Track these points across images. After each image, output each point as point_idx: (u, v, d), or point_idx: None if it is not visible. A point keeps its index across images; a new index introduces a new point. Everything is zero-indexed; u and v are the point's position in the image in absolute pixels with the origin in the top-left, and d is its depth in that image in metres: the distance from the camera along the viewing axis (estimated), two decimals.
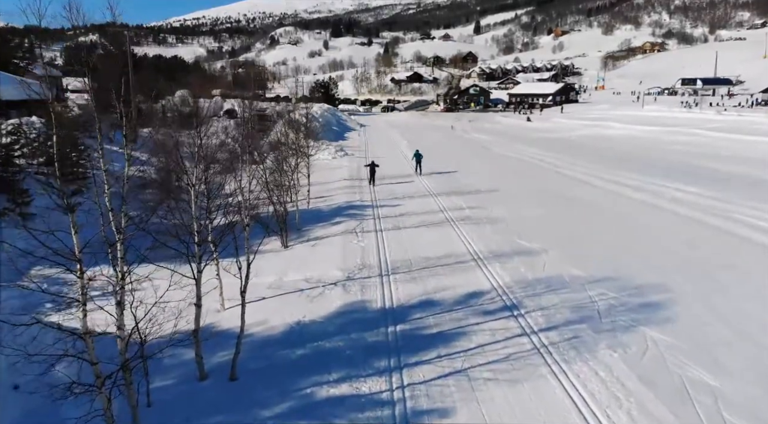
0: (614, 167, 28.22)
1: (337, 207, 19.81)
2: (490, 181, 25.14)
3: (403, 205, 19.97)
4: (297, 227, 16.80)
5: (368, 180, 25.08)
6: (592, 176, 25.68)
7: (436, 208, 19.36)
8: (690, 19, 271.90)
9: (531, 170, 28.72)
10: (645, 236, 15.30)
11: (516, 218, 17.72)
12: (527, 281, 11.83)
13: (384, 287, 11.52)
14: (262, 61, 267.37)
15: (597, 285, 11.62)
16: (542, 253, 13.85)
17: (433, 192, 22.53)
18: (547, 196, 21.32)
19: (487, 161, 32.89)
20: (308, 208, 19.77)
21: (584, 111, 76.68)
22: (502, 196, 21.56)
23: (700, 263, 12.93)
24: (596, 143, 42.10)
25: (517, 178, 26.17)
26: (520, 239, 15.13)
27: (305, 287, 11.61)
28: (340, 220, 17.66)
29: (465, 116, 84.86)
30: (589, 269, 12.51)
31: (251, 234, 16.29)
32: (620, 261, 13.10)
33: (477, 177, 26.39)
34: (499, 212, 18.55)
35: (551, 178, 26.10)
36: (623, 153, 35.22)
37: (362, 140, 46.81)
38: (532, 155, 34.64)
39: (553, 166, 29.68)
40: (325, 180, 25.99)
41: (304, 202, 20.36)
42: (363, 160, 31.04)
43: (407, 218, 17.96)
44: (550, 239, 15.12)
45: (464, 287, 11.40)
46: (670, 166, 28.16)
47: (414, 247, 14.44)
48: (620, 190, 22.12)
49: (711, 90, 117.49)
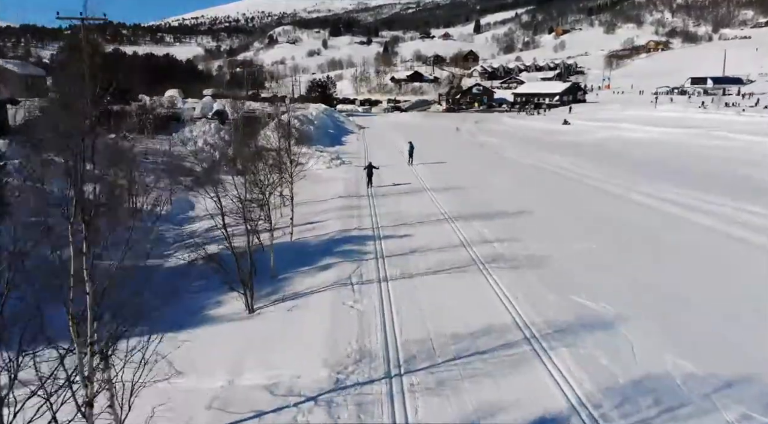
0: (652, 178, 24.01)
1: (329, 240, 15.44)
2: (514, 198, 20.88)
3: (413, 236, 15.64)
4: (272, 274, 12.48)
5: (366, 183, 23.21)
6: (631, 191, 21.39)
7: (456, 241, 15.03)
8: (693, 17, 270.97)
9: (557, 183, 24.45)
10: (750, 292, 11.00)
11: (563, 257, 13.41)
12: (618, 388, 7.51)
13: (395, 404, 7.16)
14: (260, 61, 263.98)
15: (727, 393, 7.35)
16: (620, 323, 9.55)
17: (448, 214, 18.21)
18: (591, 221, 17.02)
19: (503, 171, 28.61)
20: (291, 241, 15.44)
21: (594, 111, 72.39)
22: (535, 221, 17.26)
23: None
24: (619, 148, 37.85)
25: (545, 193, 21.87)
26: (582, 296, 10.80)
27: (266, 407, 7.21)
28: (331, 261, 13.29)
29: (469, 117, 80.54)
30: (702, 358, 8.23)
31: (205, 286, 12.12)
32: (734, 338, 8.86)
33: (497, 192, 22.11)
34: (538, 247, 14.24)
35: (584, 193, 21.81)
36: (654, 160, 30.99)
37: (361, 145, 42.42)
38: (552, 163, 30.38)
39: (582, 176, 25.40)
40: (317, 197, 21.67)
41: (287, 231, 16.04)
42: (362, 170, 26.76)
43: (420, 256, 13.62)
44: (622, 294, 10.83)
45: (525, 405, 7.05)
46: (716, 177, 24.03)
47: (435, 313, 10.08)
48: (676, 212, 17.81)
49: (721, 89, 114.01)
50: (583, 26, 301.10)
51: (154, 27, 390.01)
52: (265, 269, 12.36)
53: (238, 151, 28.78)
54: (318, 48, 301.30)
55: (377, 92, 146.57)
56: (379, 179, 25.75)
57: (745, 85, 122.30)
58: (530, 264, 12.87)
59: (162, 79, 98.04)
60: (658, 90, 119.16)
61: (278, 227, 16.66)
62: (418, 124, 70.91)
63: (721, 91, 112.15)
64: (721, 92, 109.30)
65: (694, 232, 15.63)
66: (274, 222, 16.95)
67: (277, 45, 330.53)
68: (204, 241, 14.87)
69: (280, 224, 17.10)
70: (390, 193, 22.37)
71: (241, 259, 11.03)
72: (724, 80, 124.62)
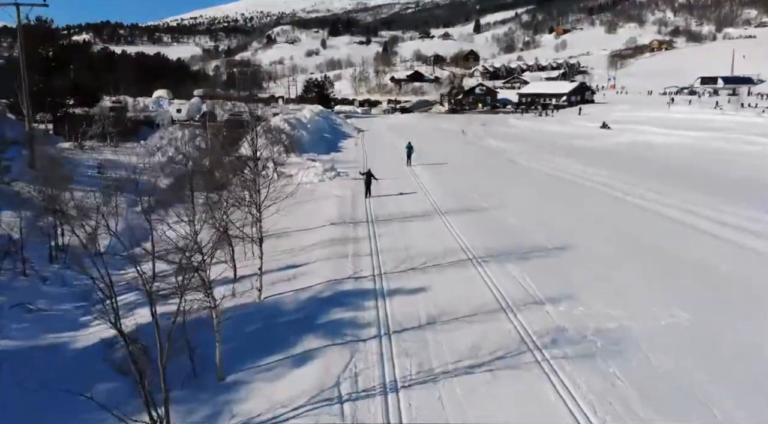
0: (709, 194, 19.80)
1: (313, 298, 11.07)
2: (548, 223, 16.61)
3: (428, 290, 11.30)
4: (219, 376, 8.12)
5: (364, 193, 21.01)
6: (697, 216, 17.07)
7: (490, 300, 10.71)
8: (695, 17, 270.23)
9: (594, 200, 20.17)
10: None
11: (646, 334, 9.07)
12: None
13: None
14: (259, 61, 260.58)
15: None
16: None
17: (470, 250, 13.91)
18: (662, 264, 12.70)
19: (523, 183, 24.32)
20: (259, 301, 11.09)
21: (605, 113, 68.02)
22: (587, 262, 12.96)
23: None
24: (645, 154, 33.65)
25: (586, 217, 17.54)
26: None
27: None
28: (312, 345, 8.88)
29: (474, 118, 76.17)
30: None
31: (114, 393, 7.58)
32: None
33: (525, 215, 17.81)
34: (605, 312, 9.94)
35: (636, 217, 17.46)
36: (693, 169, 26.89)
37: (359, 152, 38.04)
38: (577, 173, 26.12)
39: (620, 192, 21.10)
40: (302, 225, 17.31)
41: (256, 282, 11.71)
42: (359, 184, 22.55)
43: (444, 334, 9.26)
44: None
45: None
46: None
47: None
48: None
49: (731, 89, 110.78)
50: (583, 26, 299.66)
51: (152, 27, 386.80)
52: (209, 365, 8.05)
53: (215, 163, 24.51)
54: (317, 48, 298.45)
55: (377, 92, 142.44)
56: (378, 190, 21.68)
57: (755, 84, 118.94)
58: (606, 350, 8.56)
59: (152, 79, 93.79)
60: (666, 90, 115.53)
61: (244, 277, 12.37)
62: (420, 126, 66.53)
63: (731, 91, 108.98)
64: (731, 92, 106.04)
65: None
66: (243, 263, 12.70)
67: (276, 45, 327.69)
68: (134, 303, 10.60)
69: (249, 266, 12.82)
70: (394, 217, 18.08)
71: (166, 347, 6.66)
72: (735, 80, 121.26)
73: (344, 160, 32.56)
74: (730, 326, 9.44)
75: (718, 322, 9.64)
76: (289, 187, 23.42)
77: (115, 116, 29.74)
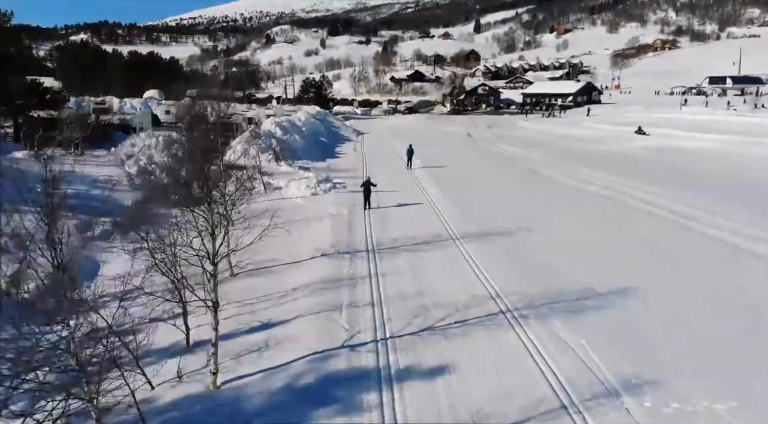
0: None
1: (287, 393, 7.70)
2: (593, 255, 13.34)
3: (456, 372, 8.02)
4: None
5: (363, 205, 19.11)
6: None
7: (545, 393, 7.47)
8: (698, 16, 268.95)
9: (647, 225, 16.48)
10: None
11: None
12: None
13: None
14: (257, 61, 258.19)
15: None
16: None
17: (505, 301, 10.62)
18: (763, 322, 9.50)
19: (551, 201, 20.81)
20: (212, 390, 7.82)
21: (615, 114, 64.82)
22: (660, 317, 9.72)
23: None
24: (678, 161, 30.28)
25: (639, 249, 14.19)
26: None
27: None
28: None
29: (479, 120, 72.79)
30: None
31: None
32: None
33: (563, 244, 14.48)
34: (715, 410, 6.75)
35: (714, 254, 13.66)
36: (741, 181, 23.42)
37: (359, 158, 34.67)
38: (610, 186, 22.78)
39: (680, 217, 17.14)
40: (288, 254, 14.00)
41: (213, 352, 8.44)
42: (358, 197, 19.34)
43: None
44: None
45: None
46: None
47: None
48: None
49: (740, 89, 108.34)
50: (585, 25, 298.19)
51: (151, 27, 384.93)
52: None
53: (193, 173, 21.26)
54: (316, 48, 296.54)
55: (376, 92, 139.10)
56: (379, 202, 18.53)
57: (765, 84, 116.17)
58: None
59: (143, 79, 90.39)
60: (674, 90, 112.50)
61: (201, 344, 9.06)
62: (422, 128, 63.18)
63: (740, 91, 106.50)
64: (740, 92, 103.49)
65: None
66: (203, 318, 9.38)
67: (275, 45, 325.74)
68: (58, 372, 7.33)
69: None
70: (400, 243, 14.82)
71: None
72: (744, 80, 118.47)
73: (342, 169, 29.23)
74: None
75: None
76: (278, 201, 20.27)
77: (80, 120, 26.42)
